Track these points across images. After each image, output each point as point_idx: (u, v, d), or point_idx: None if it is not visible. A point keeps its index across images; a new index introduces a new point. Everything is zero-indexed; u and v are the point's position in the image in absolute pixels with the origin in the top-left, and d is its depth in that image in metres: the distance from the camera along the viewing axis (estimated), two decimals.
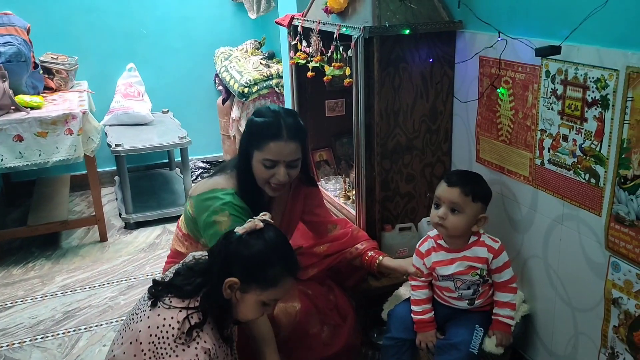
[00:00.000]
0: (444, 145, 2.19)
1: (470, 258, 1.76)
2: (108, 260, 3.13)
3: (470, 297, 1.80)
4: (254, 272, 1.40)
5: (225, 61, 3.94)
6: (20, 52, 3.05)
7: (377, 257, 1.97)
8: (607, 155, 1.51)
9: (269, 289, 1.42)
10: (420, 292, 1.85)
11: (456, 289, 1.79)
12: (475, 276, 1.76)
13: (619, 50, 1.43)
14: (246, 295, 1.42)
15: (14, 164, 2.92)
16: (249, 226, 1.44)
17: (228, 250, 1.43)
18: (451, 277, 1.78)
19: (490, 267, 1.77)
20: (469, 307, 1.81)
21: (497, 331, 1.78)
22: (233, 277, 1.40)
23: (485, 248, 1.76)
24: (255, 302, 1.43)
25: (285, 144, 1.76)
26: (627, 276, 1.50)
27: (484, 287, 1.80)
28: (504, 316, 1.78)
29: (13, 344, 2.40)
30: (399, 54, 2.01)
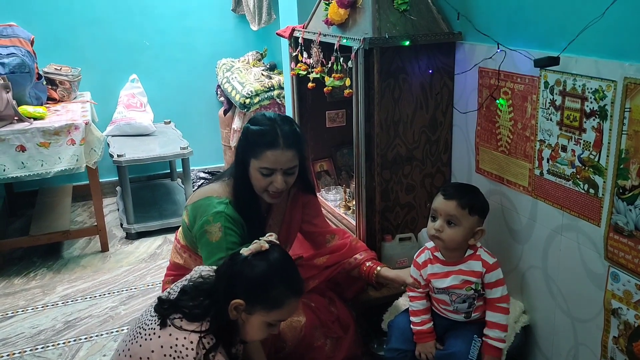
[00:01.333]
0: (444, 156, 2.20)
1: (466, 272, 1.75)
2: (109, 270, 3.13)
3: (465, 310, 1.79)
4: (259, 294, 1.40)
5: (227, 72, 3.96)
6: (24, 63, 3.08)
7: (375, 267, 1.97)
8: (605, 166, 1.52)
9: (274, 310, 1.43)
10: (419, 303, 1.85)
11: (451, 302, 1.79)
12: (470, 291, 1.75)
13: (616, 62, 1.44)
14: (251, 316, 1.42)
15: (17, 174, 2.94)
16: (254, 247, 1.44)
17: (233, 271, 1.43)
18: (446, 290, 1.78)
19: (483, 279, 1.76)
20: (465, 320, 1.81)
21: (487, 356, 1.76)
22: (238, 299, 1.40)
23: (480, 262, 1.75)
24: (261, 323, 1.44)
25: (282, 152, 1.77)
26: (627, 286, 1.50)
27: (479, 300, 1.79)
28: (493, 338, 1.74)
29: (13, 353, 2.40)
30: (399, 65, 2.03)
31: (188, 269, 1.88)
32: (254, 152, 1.78)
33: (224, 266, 1.48)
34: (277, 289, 1.41)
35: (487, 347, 1.76)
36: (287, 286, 1.43)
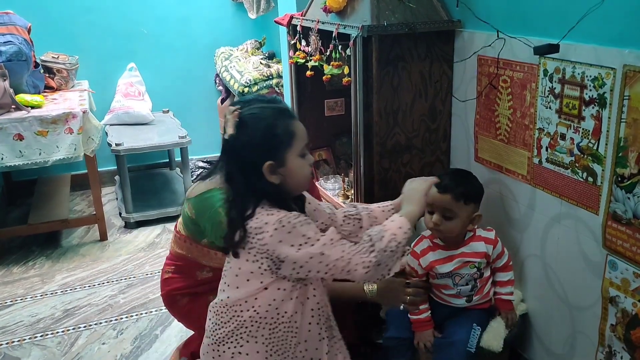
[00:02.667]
0: (443, 145, 2.19)
1: (468, 254, 1.78)
2: (108, 259, 3.13)
3: (468, 293, 1.81)
4: (273, 144, 1.38)
5: (226, 61, 3.95)
6: (21, 51, 3.06)
7: None
8: (604, 154, 1.51)
9: (294, 141, 1.40)
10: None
11: (454, 285, 1.80)
12: (473, 269, 1.78)
13: (615, 49, 1.43)
14: (287, 164, 1.40)
15: (15, 163, 2.93)
16: (231, 122, 1.39)
17: (237, 153, 1.40)
18: (450, 274, 1.79)
19: (491, 257, 1.81)
20: (467, 304, 1.82)
21: (503, 311, 1.83)
22: (265, 163, 1.37)
23: (482, 242, 1.79)
24: (295, 160, 1.41)
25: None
26: (624, 274, 1.50)
27: (481, 282, 1.81)
28: (505, 294, 1.84)
29: (13, 341, 2.41)
30: (398, 53, 2.02)
31: (189, 257, 1.88)
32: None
33: (225, 164, 1.44)
34: (279, 127, 1.39)
35: (501, 304, 1.85)
36: (282, 117, 1.41)
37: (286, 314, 1.43)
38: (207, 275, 1.90)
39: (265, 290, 1.41)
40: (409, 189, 1.63)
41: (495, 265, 1.84)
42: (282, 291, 1.41)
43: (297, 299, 1.44)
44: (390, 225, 1.44)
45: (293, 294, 1.43)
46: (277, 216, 1.36)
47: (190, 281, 1.91)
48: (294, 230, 1.35)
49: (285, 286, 1.42)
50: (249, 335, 1.44)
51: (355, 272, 1.36)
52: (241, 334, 1.44)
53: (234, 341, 1.45)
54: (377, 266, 1.37)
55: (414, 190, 1.62)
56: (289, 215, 1.36)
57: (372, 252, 1.37)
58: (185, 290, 1.91)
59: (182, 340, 2.21)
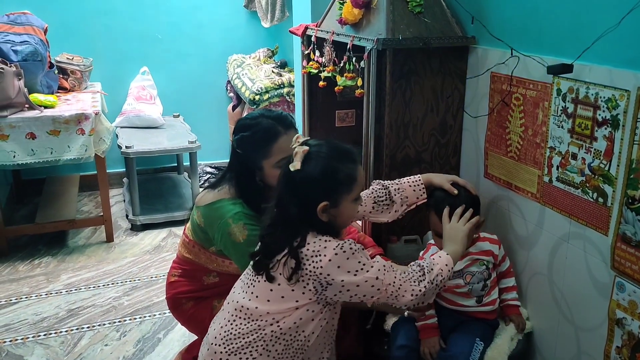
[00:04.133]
0: (453, 160, 2.20)
1: (476, 253, 1.84)
2: (113, 260, 3.14)
3: (479, 292, 1.83)
4: (333, 187, 1.42)
5: (238, 68, 3.97)
6: (37, 52, 3.09)
7: None
8: (615, 175, 1.51)
9: (353, 186, 1.45)
10: None
11: (466, 284, 1.83)
12: (482, 266, 1.82)
13: (630, 71, 1.43)
14: (339, 206, 1.44)
15: (26, 161, 2.96)
16: (299, 157, 1.42)
17: (297, 187, 1.43)
18: (461, 272, 1.82)
19: (498, 257, 1.86)
20: (476, 305, 1.83)
21: (512, 316, 1.87)
22: (320, 203, 1.40)
23: (487, 241, 1.87)
24: (350, 204, 1.47)
25: (286, 136, 1.76)
26: (632, 297, 1.49)
27: (491, 282, 1.85)
28: (511, 299, 1.89)
29: (16, 339, 2.42)
30: (411, 67, 2.03)
31: (197, 262, 1.89)
32: (262, 154, 1.76)
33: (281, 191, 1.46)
34: (343, 170, 1.43)
35: (509, 309, 1.89)
36: (346, 161, 1.45)
37: (303, 333, 1.47)
38: (213, 280, 1.91)
39: (296, 310, 1.44)
40: (452, 228, 1.67)
41: (500, 270, 1.89)
42: (310, 312, 1.45)
43: (319, 321, 1.48)
44: (439, 260, 1.53)
45: (317, 316, 1.46)
46: (334, 243, 1.40)
47: (197, 285, 1.92)
48: (352, 256, 1.40)
49: (314, 308, 1.45)
50: (263, 349, 1.46)
51: (402, 298, 1.44)
52: (257, 346, 1.46)
53: (248, 352, 1.46)
54: (423, 295, 1.45)
55: (456, 230, 1.66)
56: (345, 244, 1.41)
57: (422, 281, 1.46)
58: (190, 294, 1.92)
59: (185, 345, 2.22)
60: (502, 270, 1.90)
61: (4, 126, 2.88)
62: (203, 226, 1.83)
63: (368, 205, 1.77)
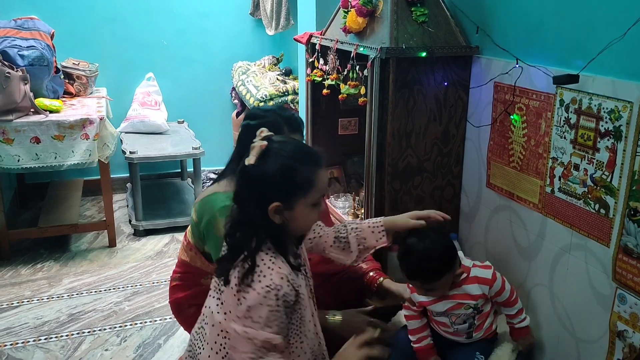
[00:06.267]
0: (455, 169, 2.20)
1: (461, 296, 1.72)
2: (115, 265, 3.15)
3: (466, 331, 1.76)
4: (288, 186, 1.35)
5: (243, 75, 3.99)
6: (43, 56, 3.11)
7: (378, 277, 1.95)
8: (617, 187, 1.51)
9: (311, 190, 1.37)
10: (414, 322, 1.81)
11: (451, 324, 1.76)
12: (469, 309, 1.72)
13: (633, 83, 1.44)
14: (294, 210, 1.37)
15: (30, 165, 2.97)
16: (256, 151, 1.35)
17: (251, 183, 1.37)
18: (445, 313, 1.75)
19: (489, 295, 1.74)
20: (467, 340, 1.78)
21: (518, 338, 1.79)
22: (273, 203, 1.34)
23: (476, 283, 1.71)
24: (306, 208, 1.38)
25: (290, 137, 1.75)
26: (633, 309, 1.49)
27: (479, 318, 1.75)
28: (518, 322, 1.77)
29: (17, 343, 2.42)
30: (415, 76, 2.03)
31: (193, 266, 1.89)
32: None
33: (238, 186, 1.41)
34: (302, 171, 1.35)
35: (515, 332, 1.78)
36: (307, 163, 1.37)
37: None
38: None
39: None
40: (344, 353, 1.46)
41: (498, 300, 1.76)
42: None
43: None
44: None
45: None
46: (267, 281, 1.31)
47: (196, 289, 1.91)
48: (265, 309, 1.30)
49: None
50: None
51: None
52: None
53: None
54: None
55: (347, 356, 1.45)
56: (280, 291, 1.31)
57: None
58: (191, 300, 1.92)
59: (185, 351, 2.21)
60: (502, 300, 1.75)
61: (9, 130, 2.89)
62: (197, 221, 1.83)
63: (329, 239, 1.68)
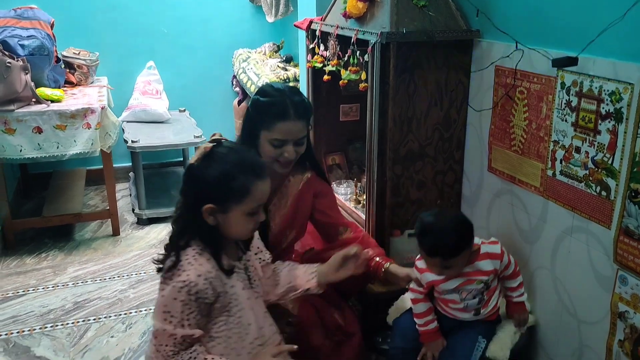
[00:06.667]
0: (457, 154, 2.20)
1: (473, 273, 1.75)
2: (119, 254, 3.16)
3: (475, 306, 1.79)
4: (223, 191, 1.38)
5: (244, 63, 3.98)
6: (44, 46, 3.11)
7: (384, 263, 1.95)
8: (619, 169, 1.51)
9: (245, 199, 1.40)
10: (421, 305, 1.84)
11: (462, 300, 1.78)
12: (480, 284, 1.76)
13: (634, 64, 1.43)
14: (228, 214, 1.40)
15: (33, 155, 2.97)
16: (199, 152, 1.41)
17: (191, 182, 1.42)
18: (456, 289, 1.77)
19: (500, 270, 1.78)
20: (474, 317, 1.81)
21: (514, 314, 1.82)
22: (207, 205, 1.38)
23: (488, 259, 1.75)
24: (241, 216, 1.41)
25: (294, 123, 1.77)
26: (635, 290, 1.49)
27: (488, 294, 1.79)
28: (517, 296, 1.83)
29: (23, 331, 2.44)
30: (415, 60, 2.03)
31: None
32: (264, 124, 1.79)
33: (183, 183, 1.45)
34: (239, 179, 1.38)
35: (512, 306, 1.84)
36: (246, 172, 1.39)
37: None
38: None
39: None
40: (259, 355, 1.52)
41: (505, 274, 1.82)
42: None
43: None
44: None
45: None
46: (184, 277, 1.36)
47: None
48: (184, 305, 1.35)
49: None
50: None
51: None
52: None
53: None
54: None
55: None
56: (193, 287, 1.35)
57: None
58: None
59: None
60: (509, 273, 1.81)
61: (11, 120, 2.89)
62: None
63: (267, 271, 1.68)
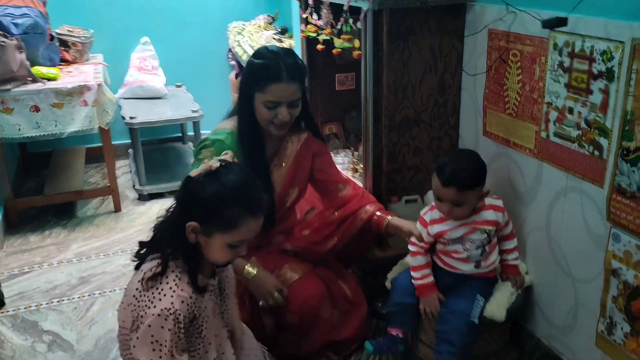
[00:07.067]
0: (452, 119, 2.21)
1: (479, 222, 1.82)
2: (122, 229, 3.20)
3: (477, 258, 1.83)
4: (212, 215, 1.35)
5: (239, 36, 3.96)
6: (37, 24, 3.09)
7: (385, 217, 1.97)
8: (611, 128, 1.52)
9: (231, 231, 1.36)
10: (420, 258, 1.89)
11: (465, 250, 1.83)
12: (483, 234, 1.81)
13: (625, 22, 1.43)
14: (211, 239, 1.37)
15: (31, 134, 2.98)
16: (203, 168, 1.37)
17: (185, 194, 1.37)
18: (460, 239, 1.82)
19: (501, 224, 1.84)
20: (475, 269, 1.85)
21: (510, 275, 1.89)
22: (193, 222, 1.35)
23: (492, 210, 1.84)
24: (221, 244, 1.38)
25: (287, 85, 1.78)
26: (627, 247, 1.52)
27: (490, 247, 1.84)
28: (512, 259, 1.90)
29: (30, 306, 2.49)
30: (408, 26, 2.02)
31: None
32: (258, 86, 1.80)
33: (178, 190, 1.42)
34: (231, 209, 1.34)
35: (508, 269, 1.92)
36: (241, 205, 1.35)
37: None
38: None
39: None
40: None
41: (502, 234, 1.88)
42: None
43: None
44: None
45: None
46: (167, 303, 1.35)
47: None
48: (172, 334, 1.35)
49: None
50: None
51: None
52: None
53: None
54: None
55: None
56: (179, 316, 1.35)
57: None
58: None
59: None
60: (505, 233, 1.89)
61: (8, 99, 2.90)
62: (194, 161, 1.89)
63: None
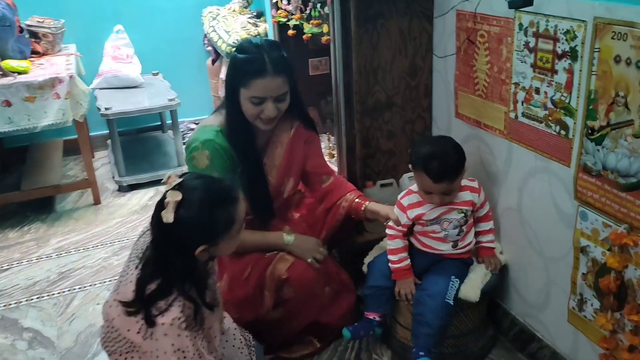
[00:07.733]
0: (424, 102, 2.20)
1: (457, 203, 1.82)
2: (102, 222, 3.18)
3: (455, 237, 1.84)
4: (210, 231, 1.38)
5: (213, 21, 3.90)
6: (4, 17, 3.03)
7: (363, 202, 1.97)
8: (576, 107, 1.53)
9: (232, 227, 1.41)
10: (397, 241, 1.89)
11: (443, 229, 1.84)
12: (460, 214, 1.82)
13: (587, 1, 1.43)
14: (219, 245, 1.42)
15: (4, 129, 2.94)
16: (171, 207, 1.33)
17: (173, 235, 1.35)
18: (438, 219, 1.83)
19: (478, 205, 1.86)
20: (452, 250, 1.86)
21: (485, 257, 1.91)
22: (198, 248, 1.37)
23: (468, 191, 1.84)
24: (229, 240, 1.43)
25: (272, 79, 1.73)
26: (594, 225, 1.53)
27: (467, 227, 1.85)
28: (487, 241, 1.92)
29: (10, 304, 2.48)
30: (377, 9, 2.00)
31: None
32: (242, 82, 1.76)
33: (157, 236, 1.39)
34: (219, 216, 1.37)
35: (483, 251, 1.93)
36: (224, 206, 1.39)
37: None
38: None
39: None
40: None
41: (478, 215, 1.89)
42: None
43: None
44: None
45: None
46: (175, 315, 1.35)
47: None
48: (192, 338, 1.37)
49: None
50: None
51: None
52: None
53: None
54: None
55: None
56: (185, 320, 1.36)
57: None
58: None
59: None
60: (481, 215, 1.90)
61: None
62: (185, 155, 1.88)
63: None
